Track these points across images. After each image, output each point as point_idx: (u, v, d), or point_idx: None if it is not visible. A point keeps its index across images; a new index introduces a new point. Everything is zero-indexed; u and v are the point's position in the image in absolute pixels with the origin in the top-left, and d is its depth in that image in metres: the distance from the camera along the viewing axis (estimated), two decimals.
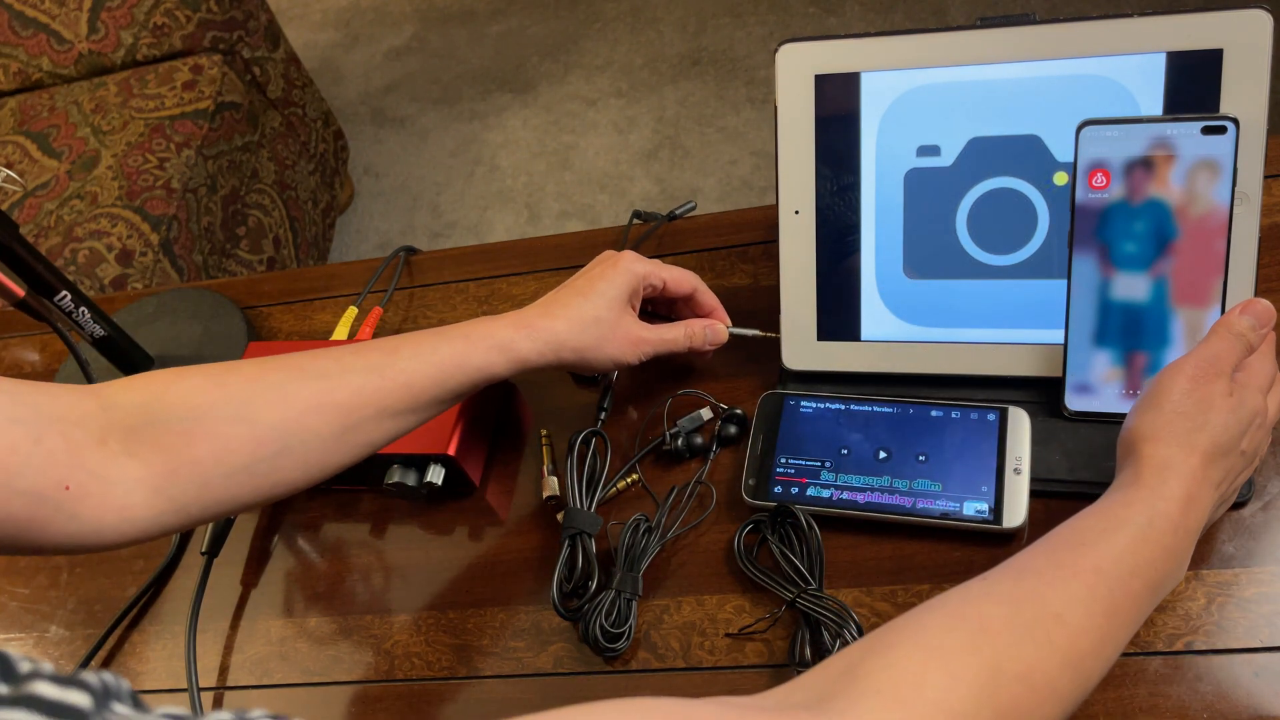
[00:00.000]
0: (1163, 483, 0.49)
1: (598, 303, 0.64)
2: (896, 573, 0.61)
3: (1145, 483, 0.49)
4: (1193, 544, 0.50)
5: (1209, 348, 0.52)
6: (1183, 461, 0.49)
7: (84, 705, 0.26)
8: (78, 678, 0.27)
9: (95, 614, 0.74)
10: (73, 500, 0.49)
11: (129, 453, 0.52)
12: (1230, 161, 0.57)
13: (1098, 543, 0.47)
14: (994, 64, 0.63)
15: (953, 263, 0.66)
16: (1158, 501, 0.49)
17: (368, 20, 2.55)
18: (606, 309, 0.64)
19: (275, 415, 0.54)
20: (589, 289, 0.64)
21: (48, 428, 0.49)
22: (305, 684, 0.67)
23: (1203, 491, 0.50)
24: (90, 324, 0.78)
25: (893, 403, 0.66)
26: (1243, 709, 0.53)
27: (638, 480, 0.69)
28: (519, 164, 2.16)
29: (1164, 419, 0.51)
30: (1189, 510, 0.49)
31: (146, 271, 1.51)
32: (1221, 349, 0.52)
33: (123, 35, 1.74)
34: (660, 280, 0.67)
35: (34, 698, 0.25)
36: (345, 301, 0.87)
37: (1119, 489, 0.50)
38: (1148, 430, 0.51)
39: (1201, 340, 0.53)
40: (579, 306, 0.63)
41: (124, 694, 0.29)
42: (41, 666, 0.27)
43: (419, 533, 0.72)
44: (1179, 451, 0.50)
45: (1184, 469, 0.49)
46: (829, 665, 0.43)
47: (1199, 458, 0.50)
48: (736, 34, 2.22)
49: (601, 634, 0.61)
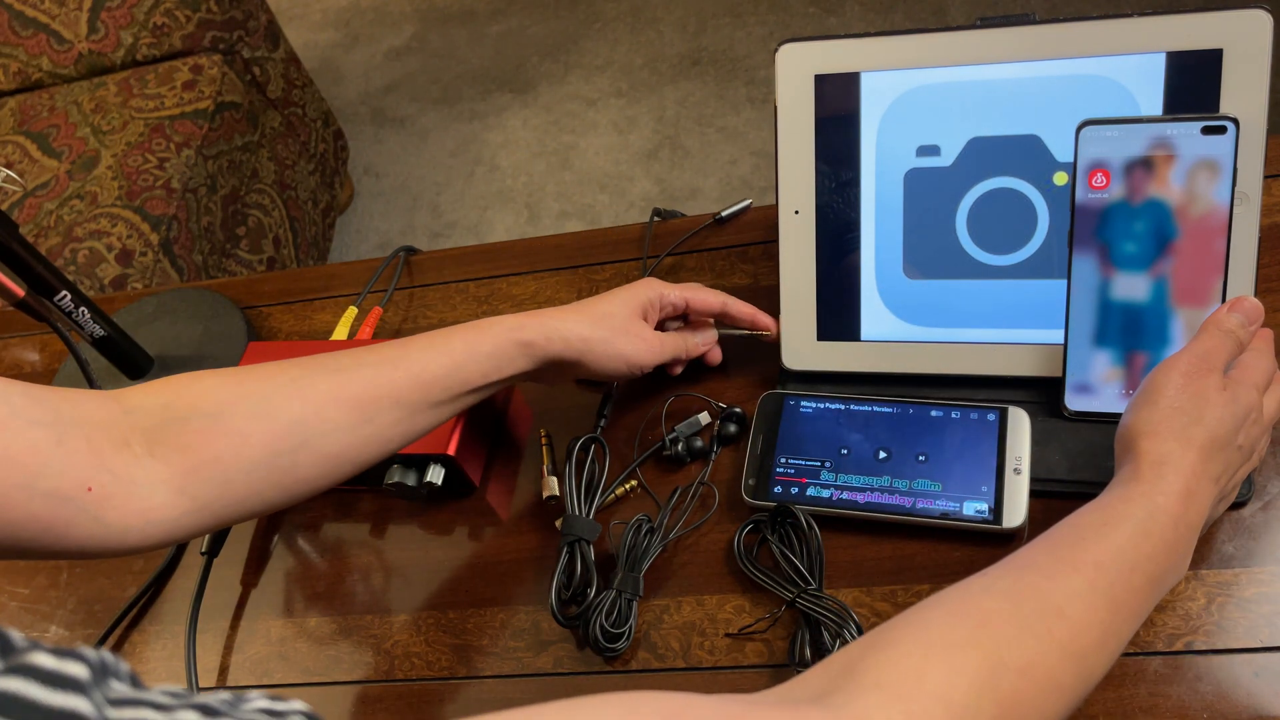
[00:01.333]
0: (1161, 477, 0.49)
1: (612, 302, 0.65)
2: (896, 573, 0.61)
3: (1144, 478, 0.50)
4: (1194, 538, 0.50)
5: (1200, 344, 0.53)
6: (1180, 456, 0.50)
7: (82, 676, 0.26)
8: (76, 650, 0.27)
9: (95, 614, 0.74)
10: (96, 502, 0.49)
11: (150, 454, 0.52)
12: (1230, 161, 0.57)
13: (1098, 538, 0.47)
14: (994, 64, 0.63)
15: (952, 263, 0.66)
16: (1157, 496, 0.49)
17: (368, 20, 2.55)
18: (621, 308, 0.65)
19: (293, 410, 0.55)
20: (606, 295, 0.66)
21: (69, 430, 0.49)
22: (305, 684, 0.67)
23: (1201, 485, 0.50)
24: (90, 324, 0.78)
25: (893, 403, 0.66)
26: (1243, 709, 0.53)
27: (636, 485, 0.69)
28: (519, 164, 2.16)
29: (1159, 415, 0.51)
30: (1188, 504, 0.49)
31: (146, 271, 1.51)
32: (1212, 345, 0.53)
33: (123, 35, 1.74)
34: (681, 300, 0.69)
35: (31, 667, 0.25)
36: (345, 301, 0.87)
37: (1118, 485, 0.51)
38: (1144, 426, 0.51)
39: (1192, 338, 0.54)
40: (590, 304, 0.65)
41: (123, 674, 0.29)
42: (39, 643, 0.27)
43: (419, 533, 0.72)
44: (1176, 446, 0.50)
45: (1182, 463, 0.50)
46: (830, 663, 0.43)
47: (1196, 452, 0.50)
48: (736, 34, 2.22)
49: (602, 634, 0.61)
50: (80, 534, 0.49)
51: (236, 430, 0.53)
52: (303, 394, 0.56)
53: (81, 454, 0.49)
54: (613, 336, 0.64)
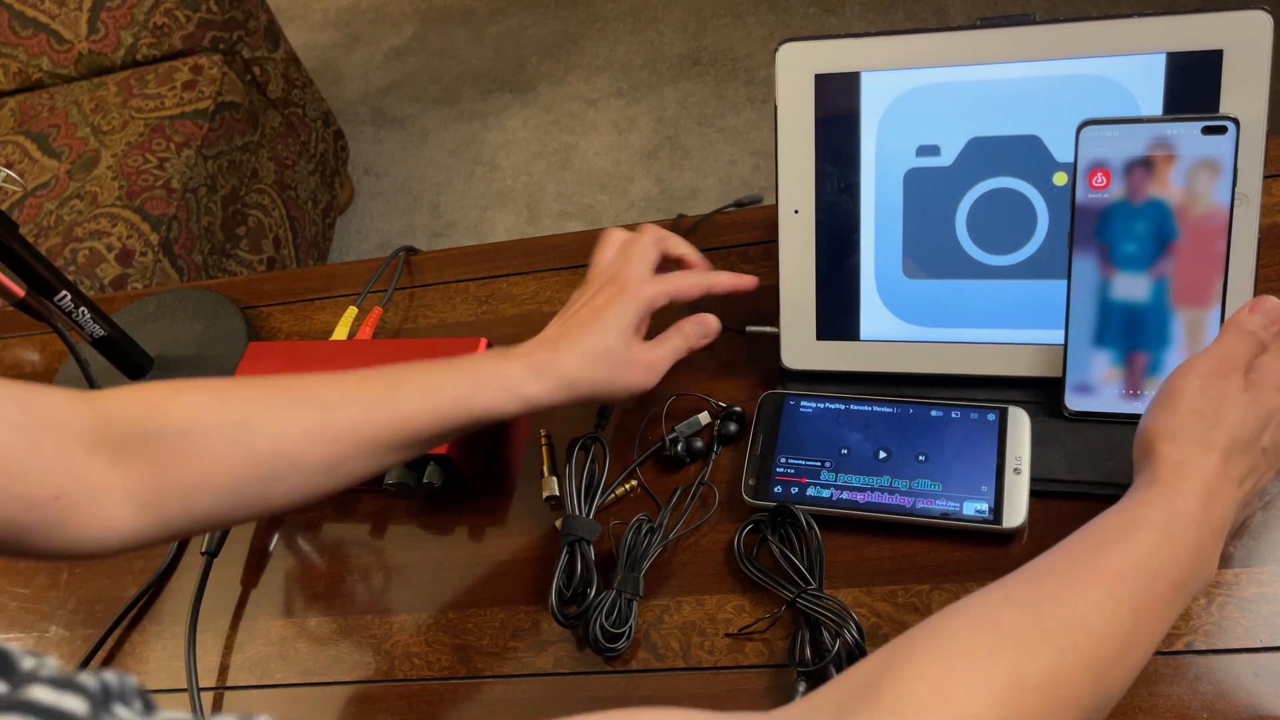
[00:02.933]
0: (1182, 479, 0.48)
1: (606, 334, 0.60)
2: (896, 573, 0.61)
3: (1163, 481, 0.49)
4: (1219, 542, 0.49)
5: (1221, 345, 0.51)
6: (1201, 459, 0.49)
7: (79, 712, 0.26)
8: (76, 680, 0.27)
9: (95, 614, 0.74)
10: (61, 510, 0.49)
11: (119, 464, 0.51)
12: (1230, 161, 0.57)
13: (1119, 543, 0.47)
14: (994, 64, 0.63)
15: (952, 263, 0.66)
16: (1177, 499, 0.48)
17: (368, 20, 2.55)
18: (616, 338, 0.61)
19: (270, 441, 0.54)
20: (596, 320, 0.61)
21: (44, 434, 0.49)
22: (305, 684, 0.67)
23: (1224, 488, 0.49)
24: (90, 324, 0.78)
25: (893, 403, 0.66)
26: (1243, 709, 0.53)
27: (636, 485, 0.69)
28: (519, 164, 2.16)
29: (1179, 418, 0.50)
30: (1211, 506, 0.48)
31: (146, 271, 1.51)
32: (1233, 346, 0.51)
33: (123, 35, 1.74)
34: (667, 297, 0.64)
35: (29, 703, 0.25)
36: (345, 301, 0.87)
37: (1138, 490, 0.50)
38: (1164, 429, 0.50)
39: (1214, 339, 0.52)
40: (587, 340, 0.60)
41: (129, 692, 0.28)
42: (43, 665, 0.27)
43: (419, 533, 0.72)
44: (1197, 449, 0.49)
45: (1203, 466, 0.49)
46: (848, 678, 0.43)
47: (1218, 454, 0.49)
48: (736, 34, 2.22)
49: (602, 634, 0.61)
50: (40, 539, 0.49)
51: (209, 454, 0.53)
52: (282, 426, 0.54)
53: (53, 459, 0.49)
54: (613, 374, 0.61)
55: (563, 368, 0.59)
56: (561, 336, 0.61)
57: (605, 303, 0.62)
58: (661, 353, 0.63)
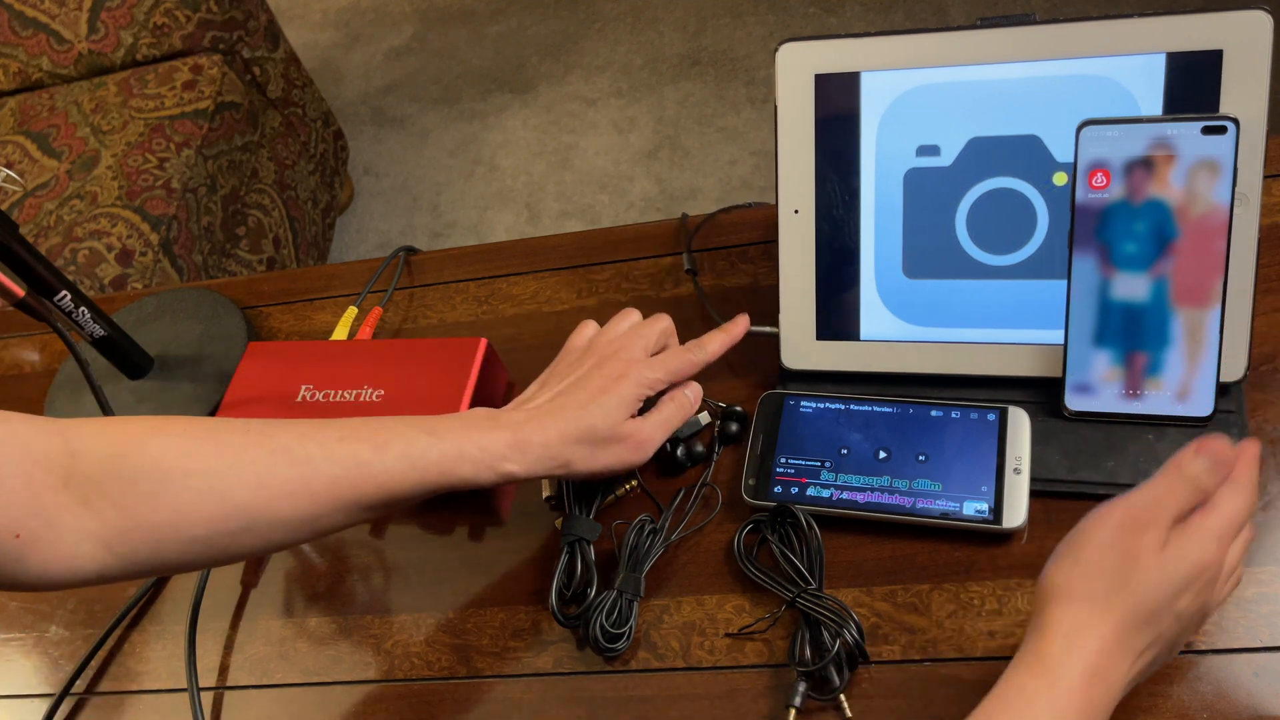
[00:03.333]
0: (1069, 653, 0.45)
1: (595, 414, 0.60)
2: (896, 573, 0.61)
3: (1049, 656, 0.45)
4: (1108, 713, 0.46)
5: (1148, 492, 0.46)
6: (1095, 627, 0.45)
7: None
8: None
9: (95, 614, 0.74)
10: (20, 547, 0.49)
11: (86, 503, 0.50)
12: (1230, 161, 0.57)
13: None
14: (994, 64, 0.63)
15: (952, 262, 0.66)
16: (1059, 685, 0.45)
17: (368, 20, 2.55)
18: (603, 420, 0.60)
19: (245, 495, 0.53)
20: (590, 402, 0.60)
21: (10, 468, 0.48)
22: (305, 684, 0.67)
23: (1115, 664, 0.45)
24: (90, 324, 0.78)
25: (893, 403, 0.66)
26: (1243, 709, 0.53)
27: (635, 486, 0.69)
28: (519, 164, 2.16)
29: (1079, 573, 0.46)
30: (1094, 690, 0.45)
31: (146, 271, 1.51)
32: (1164, 495, 0.46)
33: (123, 35, 1.74)
34: (663, 382, 0.63)
35: None
36: (345, 301, 0.87)
37: (1022, 668, 0.46)
38: (1061, 584, 0.46)
39: (1145, 481, 0.47)
40: (575, 420, 0.59)
41: None
42: None
43: (419, 533, 0.72)
44: (1092, 615, 0.45)
45: (1093, 638, 0.45)
46: None
47: (1115, 623, 0.45)
48: (736, 34, 2.22)
49: (602, 634, 0.61)
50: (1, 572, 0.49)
51: (182, 504, 0.52)
52: (259, 480, 0.53)
53: (18, 494, 0.48)
54: (601, 453, 0.60)
55: (547, 443, 0.59)
56: (554, 414, 0.60)
57: (604, 386, 0.61)
58: (654, 430, 0.62)
